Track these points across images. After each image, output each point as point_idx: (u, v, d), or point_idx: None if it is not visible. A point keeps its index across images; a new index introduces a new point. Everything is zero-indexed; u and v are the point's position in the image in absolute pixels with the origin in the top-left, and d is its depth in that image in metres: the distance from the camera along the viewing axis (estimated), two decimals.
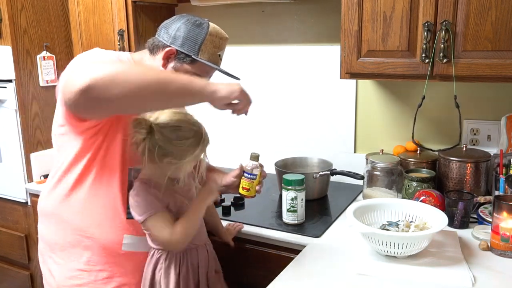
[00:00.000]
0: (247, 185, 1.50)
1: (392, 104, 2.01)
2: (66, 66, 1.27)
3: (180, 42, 1.32)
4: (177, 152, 1.22)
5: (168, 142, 1.21)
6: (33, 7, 2.24)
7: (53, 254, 1.37)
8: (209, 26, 1.35)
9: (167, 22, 1.38)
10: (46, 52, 2.30)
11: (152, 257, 1.36)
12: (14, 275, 2.48)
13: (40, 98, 2.30)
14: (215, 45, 1.35)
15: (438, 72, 1.55)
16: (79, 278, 1.33)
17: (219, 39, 1.36)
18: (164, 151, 1.22)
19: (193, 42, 1.33)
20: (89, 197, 1.31)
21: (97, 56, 1.30)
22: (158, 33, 1.38)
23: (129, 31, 2.17)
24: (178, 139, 1.22)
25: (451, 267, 1.30)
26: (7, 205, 2.41)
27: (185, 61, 1.34)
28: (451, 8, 1.48)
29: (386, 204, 1.51)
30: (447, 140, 1.90)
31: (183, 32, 1.32)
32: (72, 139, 1.29)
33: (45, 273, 1.41)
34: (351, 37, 1.65)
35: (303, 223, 1.65)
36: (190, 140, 1.23)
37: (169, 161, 1.22)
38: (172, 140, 1.22)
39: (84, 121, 1.25)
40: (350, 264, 1.34)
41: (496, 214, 1.38)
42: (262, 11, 2.21)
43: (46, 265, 1.40)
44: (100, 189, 1.31)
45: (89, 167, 1.30)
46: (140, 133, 1.21)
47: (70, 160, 1.31)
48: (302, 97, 2.20)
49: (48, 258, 1.39)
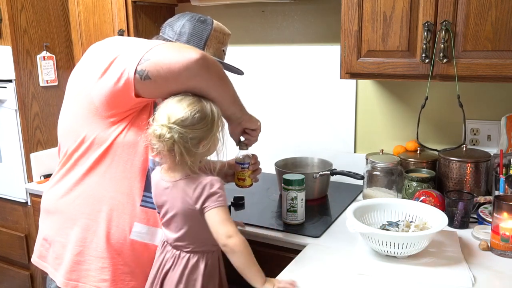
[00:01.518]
0: (241, 175, 1.52)
1: (392, 104, 2.01)
2: (84, 55, 1.30)
3: (185, 38, 1.35)
4: (205, 133, 1.25)
5: (194, 130, 1.23)
6: (33, 7, 2.24)
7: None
8: (213, 22, 1.38)
9: (171, 20, 1.40)
10: (46, 52, 2.30)
11: (165, 251, 1.35)
12: (14, 275, 2.48)
13: (40, 98, 2.30)
14: (219, 40, 1.38)
15: (438, 72, 1.55)
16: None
17: (223, 34, 1.40)
18: (196, 140, 1.24)
19: (199, 38, 1.35)
20: (103, 181, 1.30)
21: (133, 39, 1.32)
22: (163, 31, 1.39)
23: (129, 31, 2.17)
24: (201, 121, 1.24)
25: (451, 267, 1.30)
26: (7, 205, 2.42)
27: None
28: (451, 8, 1.48)
29: (386, 204, 1.51)
30: (447, 140, 1.90)
31: (188, 29, 1.35)
32: (93, 122, 1.29)
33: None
34: (351, 37, 1.65)
35: (303, 223, 1.65)
36: (209, 116, 1.26)
37: (204, 145, 1.26)
38: (195, 125, 1.23)
39: (138, 97, 1.25)
40: (350, 264, 1.34)
41: (496, 214, 1.38)
42: (262, 11, 2.21)
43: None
44: (117, 174, 1.31)
45: (107, 152, 1.30)
46: (167, 141, 1.21)
47: (87, 145, 1.31)
48: (302, 97, 2.20)
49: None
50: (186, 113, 1.22)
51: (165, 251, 1.36)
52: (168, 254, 1.34)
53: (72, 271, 1.33)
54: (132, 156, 1.32)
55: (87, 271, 1.32)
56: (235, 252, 1.22)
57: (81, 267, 1.33)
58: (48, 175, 2.28)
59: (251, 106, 1.43)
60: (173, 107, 1.23)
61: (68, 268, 1.33)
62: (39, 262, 1.44)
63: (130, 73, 1.20)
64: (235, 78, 2.31)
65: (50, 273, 1.39)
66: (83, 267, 1.33)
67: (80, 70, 1.37)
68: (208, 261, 1.33)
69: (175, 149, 1.22)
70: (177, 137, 1.21)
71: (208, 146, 1.27)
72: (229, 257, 1.24)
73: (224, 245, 1.23)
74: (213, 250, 1.35)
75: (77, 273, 1.33)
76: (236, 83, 2.30)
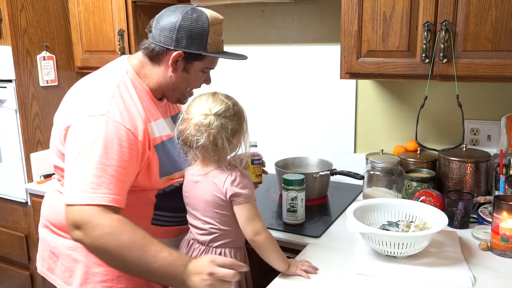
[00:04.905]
0: (259, 171, 1.67)
1: (392, 104, 2.01)
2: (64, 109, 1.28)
3: (185, 43, 1.27)
4: (240, 125, 1.31)
5: (233, 122, 1.28)
6: (33, 7, 2.24)
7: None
8: (207, 16, 1.30)
9: (160, 23, 1.29)
10: (46, 52, 2.29)
11: (192, 249, 1.36)
12: (14, 275, 2.48)
13: (40, 98, 2.30)
14: (217, 32, 1.32)
15: (438, 72, 1.55)
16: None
17: (218, 24, 1.33)
18: (233, 131, 1.29)
19: (199, 39, 1.28)
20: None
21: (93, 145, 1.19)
22: (153, 36, 1.30)
23: (129, 31, 2.17)
24: (237, 113, 1.30)
25: (451, 267, 1.30)
26: (7, 205, 2.41)
27: (195, 59, 1.31)
28: (451, 8, 1.48)
29: (386, 204, 1.51)
30: (447, 140, 1.90)
31: (185, 32, 1.27)
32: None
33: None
34: (351, 37, 1.65)
35: (303, 223, 1.65)
36: (240, 111, 1.32)
37: (237, 137, 1.31)
38: (234, 117, 1.29)
39: None
40: (350, 264, 1.34)
41: (496, 214, 1.38)
42: (262, 11, 2.21)
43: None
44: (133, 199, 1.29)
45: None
46: (212, 130, 1.24)
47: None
48: (302, 97, 2.20)
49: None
50: (227, 104, 1.28)
51: (192, 248, 1.37)
52: (195, 252, 1.36)
53: (86, 283, 1.32)
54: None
55: (101, 282, 1.32)
56: (261, 247, 1.29)
57: (95, 278, 1.32)
58: (48, 175, 2.28)
59: (251, 106, 1.43)
60: (211, 100, 1.28)
61: (81, 280, 1.32)
62: (47, 274, 1.42)
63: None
64: (233, 78, 2.32)
65: (59, 286, 1.37)
66: (97, 279, 1.32)
67: (60, 111, 1.35)
68: (236, 256, 1.37)
69: (217, 140, 1.26)
70: (220, 126, 1.25)
71: (240, 138, 1.32)
72: (256, 249, 1.30)
73: (251, 240, 1.29)
74: (241, 245, 1.40)
75: (92, 285, 1.32)
76: (236, 83, 2.31)
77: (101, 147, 1.16)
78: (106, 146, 1.17)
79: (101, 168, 1.15)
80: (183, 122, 1.29)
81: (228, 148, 1.28)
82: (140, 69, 1.34)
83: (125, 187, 1.19)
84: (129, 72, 1.33)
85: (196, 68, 1.33)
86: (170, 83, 1.34)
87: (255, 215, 1.29)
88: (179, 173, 1.40)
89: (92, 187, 1.14)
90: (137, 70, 1.34)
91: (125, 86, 1.29)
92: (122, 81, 1.30)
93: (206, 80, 1.42)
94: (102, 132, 1.18)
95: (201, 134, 1.25)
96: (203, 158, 1.33)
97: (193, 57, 1.30)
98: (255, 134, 2.30)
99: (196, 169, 1.35)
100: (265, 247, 1.29)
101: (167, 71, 1.32)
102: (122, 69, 1.33)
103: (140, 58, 1.35)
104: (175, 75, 1.32)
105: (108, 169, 1.15)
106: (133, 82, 1.32)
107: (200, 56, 1.31)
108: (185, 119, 1.29)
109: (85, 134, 1.19)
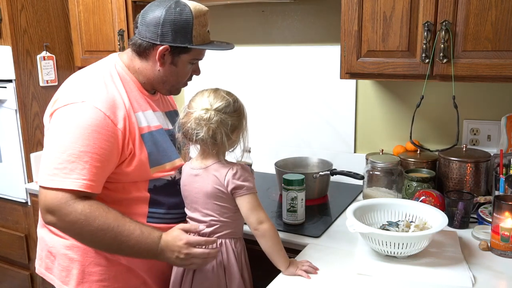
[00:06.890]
0: None
1: (392, 104, 2.01)
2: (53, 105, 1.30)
3: (170, 37, 1.29)
4: (240, 122, 1.34)
5: (233, 118, 1.31)
6: (33, 7, 2.24)
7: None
8: (190, 9, 1.30)
9: (145, 19, 1.31)
10: (46, 52, 2.30)
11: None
12: (14, 275, 2.48)
13: (40, 98, 2.30)
14: (202, 24, 1.32)
15: (438, 72, 1.55)
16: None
17: (203, 16, 1.33)
18: (232, 127, 1.31)
19: (184, 32, 1.29)
20: (108, 204, 1.27)
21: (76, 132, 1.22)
22: (139, 32, 1.32)
23: (129, 31, 2.16)
24: (238, 109, 1.33)
25: (451, 267, 1.30)
26: (7, 205, 2.42)
27: (182, 52, 1.33)
28: (451, 8, 1.48)
29: (386, 204, 1.51)
30: (448, 140, 1.90)
31: (170, 26, 1.28)
32: None
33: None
34: (351, 37, 1.65)
35: (303, 223, 1.65)
36: (241, 108, 1.35)
37: (236, 133, 1.34)
38: (234, 113, 1.31)
39: None
40: (350, 264, 1.34)
41: (496, 214, 1.38)
42: (262, 11, 2.21)
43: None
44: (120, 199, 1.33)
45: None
46: (212, 125, 1.27)
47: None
48: (302, 97, 2.20)
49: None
50: (227, 100, 1.30)
51: None
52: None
53: (83, 283, 1.33)
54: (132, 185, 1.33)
55: (98, 282, 1.33)
56: (265, 237, 1.31)
57: (92, 278, 1.32)
58: None
59: (251, 106, 1.43)
60: (213, 96, 1.30)
61: (78, 280, 1.33)
62: (45, 274, 1.43)
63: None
64: (233, 77, 2.32)
65: (57, 286, 1.37)
66: (93, 278, 1.32)
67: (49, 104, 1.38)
68: (236, 246, 1.38)
69: (216, 134, 1.28)
70: (220, 122, 1.27)
71: (239, 135, 1.35)
72: (259, 240, 1.32)
73: (255, 229, 1.31)
74: (240, 236, 1.41)
75: (88, 284, 1.32)
76: (236, 83, 2.31)
77: (78, 133, 1.20)
78: (83, 132, 1.20)
79: (75, 154, 1.19)
80: (185, 116, 1.32)
81: (227, 143, 1.31)
82: (130, 63, 1.37)
83: (100, 173, 1.23)
84: (118, 65, 1.37)
85: (183, 61, 1.35)
86: (159, 76, 1.36)
87: (258, 205, 1.32)
88: (170, 164, 1.38)
89: (65, 172, 1.18)
90: (127, 65, 1.37)
91: (110, 76, 1.33)
92: (108, 71, 1.34)
93: (195, 71, 1.43)
94: (80, 118, 1.22)
95: (201, 128, 1.28)
96: (203, 152, 1.36)
97: (179, 50, 1.32)
98: (255, 134, 2.31)
99: (195, 163, 1.37)
100: (269, 236, 1.31)
101: (155, 66, 1.34)
102: (111, 63, 1.38)
103: (129, 53, 1.38)
104: (163, 69, 1.34)
105: (82, 154, 1.19)
106: (120, 74, 1.35)
107: (186, 49, 1.32)
108: (187, 113, 1.32)
109: (65, 120, 1.24)
